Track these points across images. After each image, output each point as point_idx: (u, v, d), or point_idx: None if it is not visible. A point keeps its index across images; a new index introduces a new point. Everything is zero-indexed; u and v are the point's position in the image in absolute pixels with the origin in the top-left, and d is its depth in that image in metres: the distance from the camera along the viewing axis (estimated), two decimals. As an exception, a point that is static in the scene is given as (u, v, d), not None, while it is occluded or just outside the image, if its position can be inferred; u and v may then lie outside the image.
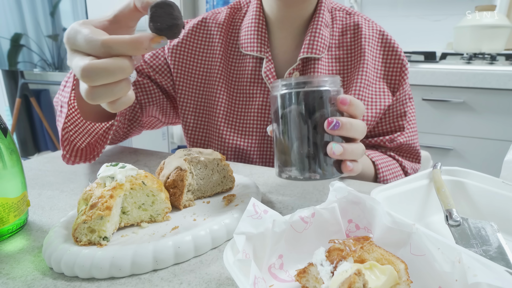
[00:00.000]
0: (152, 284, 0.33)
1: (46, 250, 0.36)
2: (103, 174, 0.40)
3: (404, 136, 0.73)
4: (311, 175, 0.42)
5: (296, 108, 0.41)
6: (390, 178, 0.69)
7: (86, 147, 0.64)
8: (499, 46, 1.68)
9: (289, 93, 0.41)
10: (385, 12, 2.04)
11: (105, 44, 0.34)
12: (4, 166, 0.40)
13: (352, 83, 0.69)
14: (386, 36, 0.71)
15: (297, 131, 0.41)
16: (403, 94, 0.71)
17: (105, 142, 0.64)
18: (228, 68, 0.75)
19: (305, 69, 0.70)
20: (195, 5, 2.48)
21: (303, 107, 0.41)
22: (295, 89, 0.41)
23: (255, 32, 0.71)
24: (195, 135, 0.77)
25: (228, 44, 0.75)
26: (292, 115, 0.41)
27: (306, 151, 0.41)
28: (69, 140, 0.59)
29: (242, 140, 0.74)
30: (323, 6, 0.70)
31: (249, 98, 0.74)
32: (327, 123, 0.40)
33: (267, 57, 0.70)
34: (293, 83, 0.41)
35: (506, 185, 0.44)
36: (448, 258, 0.27)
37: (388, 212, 0.33)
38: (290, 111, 0.41)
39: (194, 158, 0.47)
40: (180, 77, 0.75)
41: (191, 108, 0.76)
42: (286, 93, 0.41)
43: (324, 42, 0.69)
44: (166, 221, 0.42)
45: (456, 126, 1.51)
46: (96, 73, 0.33)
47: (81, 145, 0.63)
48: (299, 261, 0.34)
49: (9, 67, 2.52)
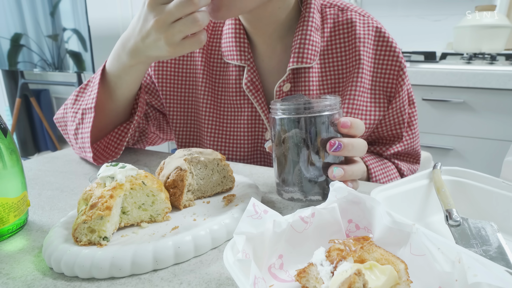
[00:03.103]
0: (152, 284, 0.33)
1: (46, 250, 0.36)
2: (103, 174, 0.40)
3: (402, 144, 0.70)
4: (313, 197, 0.44)
5: (298, 132, 0.42)
6: (384, 182, 0.67)
7: (108, 145, 0.67)
8: (499, 46, 1.68)
9: (289, 118, 0.42)
10: (385, 12, 2.04)
11: (170, 11, 0.47)
12: (4, 166, 0.40)
13: (347, 91, 0.65)
14: (383, 34, 0.64)
15: (299, 155, 0.42)
16: (400, 102, 0.66)
17: (124, 140, 0.67)
18: (212, 78, 0.71)
19: (296, 80, 0.65)
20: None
21: (305, 132, 0.41)
22: (296, 115, 0.41)
23: (234, 39, 0.66)
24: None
25: (211, 52, 0.71)
26: (294, 139, 0.42)
27: (309, 174, 0.42)
28: (95, 142, 0.64)
29: (233, 154, 0.72)
30: (312, 7, 0.63)
31: (237, 110, 0.70)
32: (329, 145, 0.41)
33: (248, 65, 0.65)
34: (293, 108, 0.41)
35: (506, 185, 0.44)
36: (448, 258, 0.27)
37: (388, 212, 0.33)
38: (291, 136, 0.42)
39: (194, 158, 0.47)
40: (166, 93, 0.73)
41: (181, 123, 0.75)
42: (286, 118, 0.42)
43: (314, 49, 0.63)
44: (166, 221, 0.42)
45: (456, 126, 1.51)
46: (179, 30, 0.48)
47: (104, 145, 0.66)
48: (299, 261, 0.34)
49: (9, 67, 2.52)
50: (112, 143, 0.67)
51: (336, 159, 0.43)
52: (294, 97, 0.45)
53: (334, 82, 0.66)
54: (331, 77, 0.66)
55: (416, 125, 0.72)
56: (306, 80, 0.65)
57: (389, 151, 0.71)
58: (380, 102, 0.66)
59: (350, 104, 0.65)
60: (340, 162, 0.43)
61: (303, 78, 0.65)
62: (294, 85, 0.66)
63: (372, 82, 0.66)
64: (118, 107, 0.64)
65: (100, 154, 0.65)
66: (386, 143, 0.72)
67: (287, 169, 0.43)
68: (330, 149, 0.41)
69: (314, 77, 0.65)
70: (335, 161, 0.43)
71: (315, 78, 0.65)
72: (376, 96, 0.66)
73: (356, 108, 0.65)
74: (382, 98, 0.66)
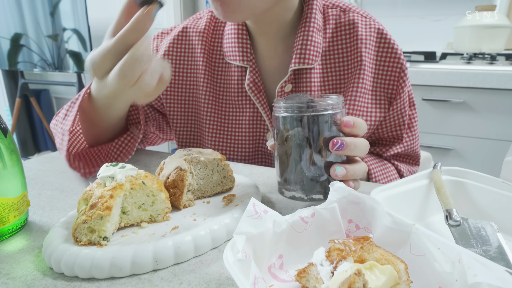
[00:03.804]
0: (152, 284, 0.33)
1: (46, 250, 0.36)
2: (103, 174, 0.40)
3: (402, 146, 0.70)
4: (315, 196, 0.44)
5: (300, 131, 0.42)
6: (384, 183, 0.67)
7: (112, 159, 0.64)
8: (499, 46, 1.68)
9: (292, 116, 0.42)
10: (385, 12, 2.04)
11: (118, 41, 0.36)
12: (4, 166, 0.40)
13: (348, 92, 0.65)
14: (385, 36, 0.65)
15: (301, 153, 0.42)
16: (401, 103, 0.66)
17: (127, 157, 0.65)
18: (214, 79, 0.70)
19: (298, 80, 0.65)
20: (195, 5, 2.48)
21: (307, 131, 0.41)
22: (299, 113, 0.41)
23: (236, 39, 0.65)
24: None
25: (212, 52, 0.70)
26: (296, 138, 0.42)
27: (311, 173, 0.42)
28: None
29: (234, 155, 0.71)
30: (314, 7, 0.63)
31: (238, 110, 0.69)
32: (332, 144, 0.41)
33: (250, 66, 0.65)
34: (296, 106, 0.41)
35: (506, 185, 0.44)
36: (448, 258, 0.27)
37: (388, 212, 0.33)
38: (294, 134, 0.42)
39: (194, 158, 0.47)
40: (167, 93, 0.72)
41: (182, 123, 0.74)
42: (289, 116, 0.42)
43: (316, 50, 0.63)
44: (166, 221, 0.42)
45: (456, 126, 1.51)
46: (129, 69, 0.37)
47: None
48: (299, 261, 0.34)
49: (9, 67, 2.52)
50: (115, 159, 0.65)
51: (338, 158, 0.43)
52: (297, 96, 0.45)
53: (336, 83, 0.66)
54: (332, 78, 0.66)
55: (416, 126, 0.72)
56: (307, 80, 0.64)
57: (389, 152, 0.71)
58: (381, 103, 0.66)
59: (352, 105, 0.65)
60: (342, 162, 0.43)
61: (304, 79, 0.65)
62: (295, 85, 0.66)
63: (374, 83, 0.66)
64: (110, 125, 0.61)
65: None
66: (386, 144, 0.72)
67: (289, 167, 0.43)
68: (332, 148, 0.41)
69: (315, 77, 0.65)
70: (337, 160, 0.43)
71: (316, 79, 0.65)
72: (377, 97, 0.66)
73: (357, 109, 0.65)
74: (383, 99, 0.66)
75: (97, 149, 0.64)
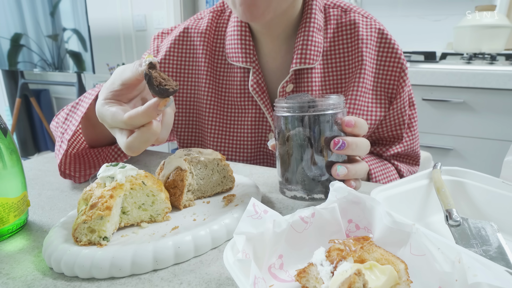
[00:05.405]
0: (152, 284, 0.33)
1: (46, 250, 0.36)
2: (103, 174, 0.40)
3: (402, 145, 0.71)
4: (316, 196, 0.44)
5: (302, 131, 0.42)
6: (384, 183, 0.67)
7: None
8: (499, 46, 1.68)
9: (293, 116, 0.42)
10: (385, 12, 2.04)
11: (127, 123, 0.39)
12: (4, 166, 0.40)
13: (349, 91, 0.65)
14: (386, 36, 0.65)
15: (303, 153, 0.42)
16: (401, 103, 0.66)
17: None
18: (216, 79, 0.70)
19: (299, 80, 0.65)
20: (195, 5, 2.48)
21: (309, 131, 0.41)
22: (300, 113, 0.41)
23: (239, 40, 0.65)
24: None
25: (214, 53, 0.70)
26: (297, 137, 0.42)
27: (312, 173, 0.42)
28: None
29: (236, 155, 0.71)
30: (314, 7, 0.63)
31: (241, 111, 0.69)
32: (333, 143, 0.41)
33: (254, 67, 0.65)
34: (297, 106, 0.41)
35: (506, 185, 0.44)
36: (448, 258, 0.27)
37: (388, 212, 0.33)
38: (295, 134, 0.42)
39: (194, 158, 0.47)
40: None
41: (183, 124, 0.74)
42: (290, 116, 0.42)
43: (317, 49, 0.63)
44: (166, 221, 0.42)
45: (456, 126, 1.51)
46: (137, 147, 0.39)
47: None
48: (299, 261, 0.34)
49: (9, 67, 2.52)
50: (115, 160, 0.65)
51: (339, 158, 0.43)
52: (298, 96, 0.45)
53: (337, 83, 0.66)
54: (333, 78, 0.66)
55: (416, 126, 0.72)
56: (308, 80, 0.65)
57: (389, 152, 0.71)
58: (381, 103, 0.66)
59: (352, 105, 0.65)
60: (343, 161, 0.43)
61: (305, 79, 0.65)
62: (296, 85, 0.66)
63: (374, 83, 0.66)
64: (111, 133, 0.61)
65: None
66: (386, 143, 0.72)
67: (290, 167, 0.43)
68: (334, 148, 0.41)
69: (316, 77, 0.65)
70: (338, 160, 0.43)
71: (317, 79, 0.65)
72: (378, 97, 0.66)
73: (358, 108, 0.65)
74: (383, 99, 0.66)
75: (97, 151, 0.64)
